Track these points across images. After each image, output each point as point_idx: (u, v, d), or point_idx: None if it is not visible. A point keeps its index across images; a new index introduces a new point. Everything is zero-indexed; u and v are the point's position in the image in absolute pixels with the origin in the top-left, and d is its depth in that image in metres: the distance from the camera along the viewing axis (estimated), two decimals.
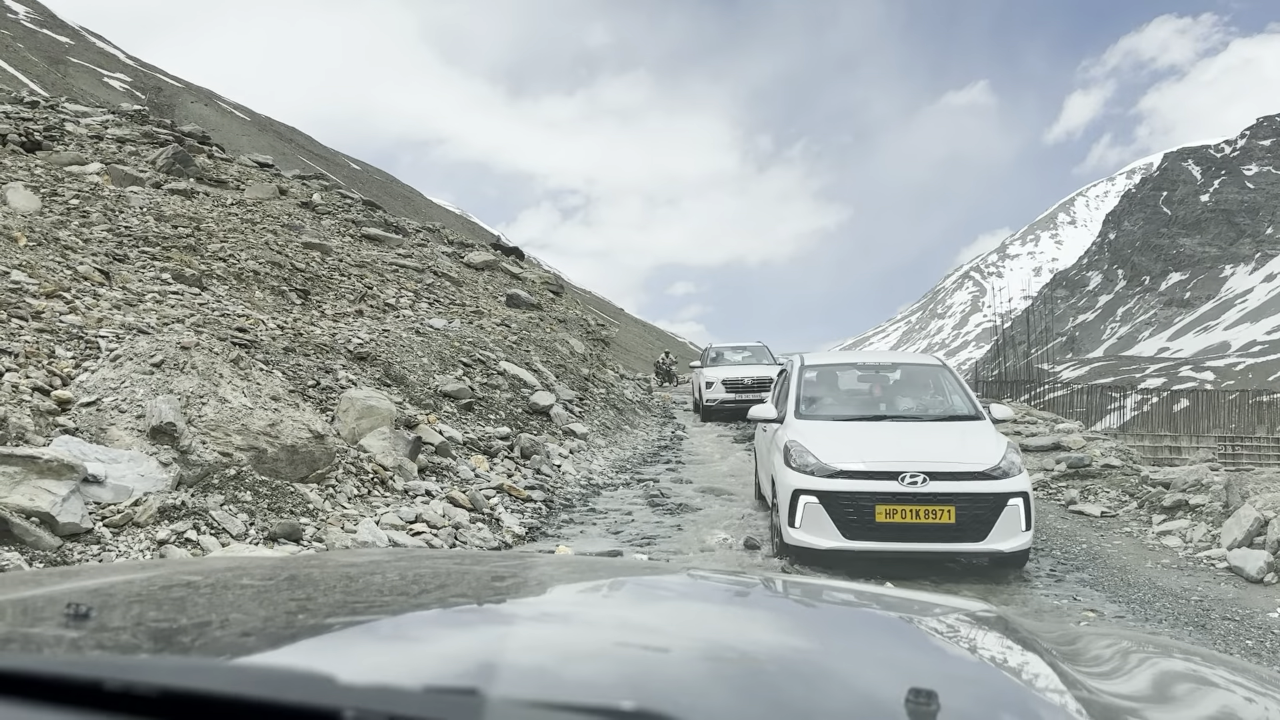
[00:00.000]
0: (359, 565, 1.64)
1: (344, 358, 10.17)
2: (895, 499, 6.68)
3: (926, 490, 6.68)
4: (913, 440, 7.29)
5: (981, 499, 6.71)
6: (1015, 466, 6.99)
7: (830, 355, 9.72)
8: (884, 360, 9.42)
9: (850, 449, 7.04)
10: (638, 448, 15.20)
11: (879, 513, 6.68)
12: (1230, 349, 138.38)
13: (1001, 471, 6.85)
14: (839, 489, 6.80)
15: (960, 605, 1.69)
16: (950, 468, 6.81)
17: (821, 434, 7.37)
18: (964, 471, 6.80)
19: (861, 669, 1.12)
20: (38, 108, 19.59)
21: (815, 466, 6.96)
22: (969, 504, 6.68)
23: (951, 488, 6.71)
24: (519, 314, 18.85)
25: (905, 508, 6.67)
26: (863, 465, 6.86)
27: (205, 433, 6.61)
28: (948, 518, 6.65)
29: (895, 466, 6.78)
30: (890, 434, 7.46)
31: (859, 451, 6.99)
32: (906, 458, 6.86)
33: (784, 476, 7.13)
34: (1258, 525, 7.66)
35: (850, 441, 7.18)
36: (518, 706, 0.76)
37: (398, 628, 1.18)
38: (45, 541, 5.00)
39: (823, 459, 6.97)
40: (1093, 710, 1.02)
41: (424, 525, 7.42)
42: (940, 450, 7.05)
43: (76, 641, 0.97)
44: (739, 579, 1.99)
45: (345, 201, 22.66)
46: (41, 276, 8.50)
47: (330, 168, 64.62)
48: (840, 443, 7.16)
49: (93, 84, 57.59)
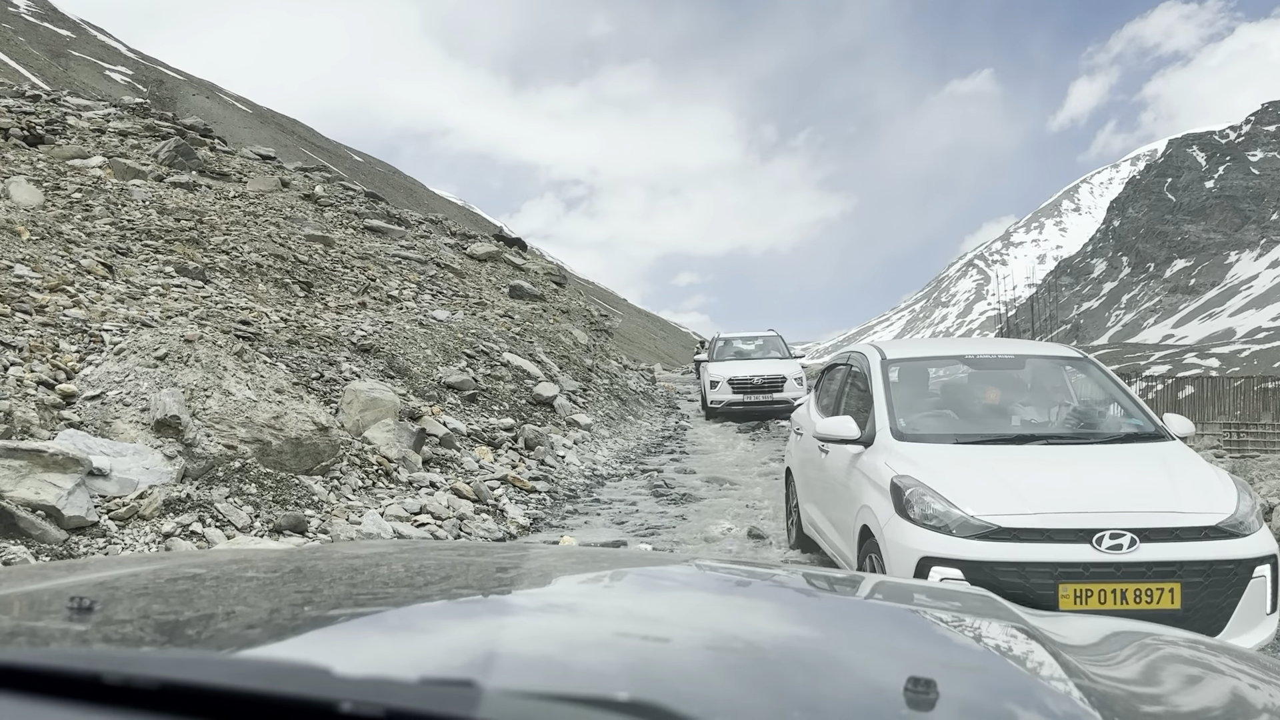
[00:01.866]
0: (364, 557, 1.65)
1: (347, 350, 10.18)
2: (1090, 573, 4.37)
3: (1137, 558, 4.38)
4: (1093, 477, 4.95)
5: (1218, 569, 4.45)
6: (1254, 516, 4.75)
7: (914, 344, 7.30)
8: (1001, 350, 6.57)
9: (1005, 492, 4.68)
10: (641, 438, 15.21)
11: (1064, 596, 4.40)
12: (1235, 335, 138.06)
13: (1241, 525, 4.59)
14: (999, 558, 4.42)
15: (960, 594, 1.69)
16: (1166, 521, 4.52)
17: (949, 466, 4.97)
18: (1188, 527, 4.51)
19: (862, 658, 1.13)
20: (39, 101, 19.58)
21: (955, 521, 4.57)
22: (1200, 578, 4.43)
23: (1172, 553, 4.43)
24: (522, 305, 18.85)
25: (1105, 587, 4.40)
26: (1035, 519, 4.49)
27: (209, 425, 6.63)
28: (1170, 601, 4.39)
29: (1085, 521, 4.47)
30: (1054, 466, 5.08)
31: (1020, 496, 4.64)
32: (1096, 506, 4.57)
33: (897, 533, 4.74)
34: (1262, 511, 7.66)
35: (999, 479, 4.82)
36: (513, 698, 0.77)
37: (402, 619, 1.18)
38: (51, 535, 5.02)
39: (966, 508, 4.58)
40: (1092, 698, 1.03)
41: (429, 517, 7.44)
42: (1139, 494, 4.76)
43: (81, 635, 0.97)
44: (741, 569, 1.99)
45: (348, 193, 22.65)
46: (45, 270, 8.51)
47: (332, 160, 64.60)
48: (985, 481, 4.81)
49: (94, 77, 57.57)
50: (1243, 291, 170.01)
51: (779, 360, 18.68)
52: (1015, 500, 4.62)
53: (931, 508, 4.68)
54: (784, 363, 18.45)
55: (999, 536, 4.48)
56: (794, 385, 17.34)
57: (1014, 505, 4.58)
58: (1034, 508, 4.56)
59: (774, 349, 19.62)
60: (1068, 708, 1.00)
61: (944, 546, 4.55)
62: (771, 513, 8.92)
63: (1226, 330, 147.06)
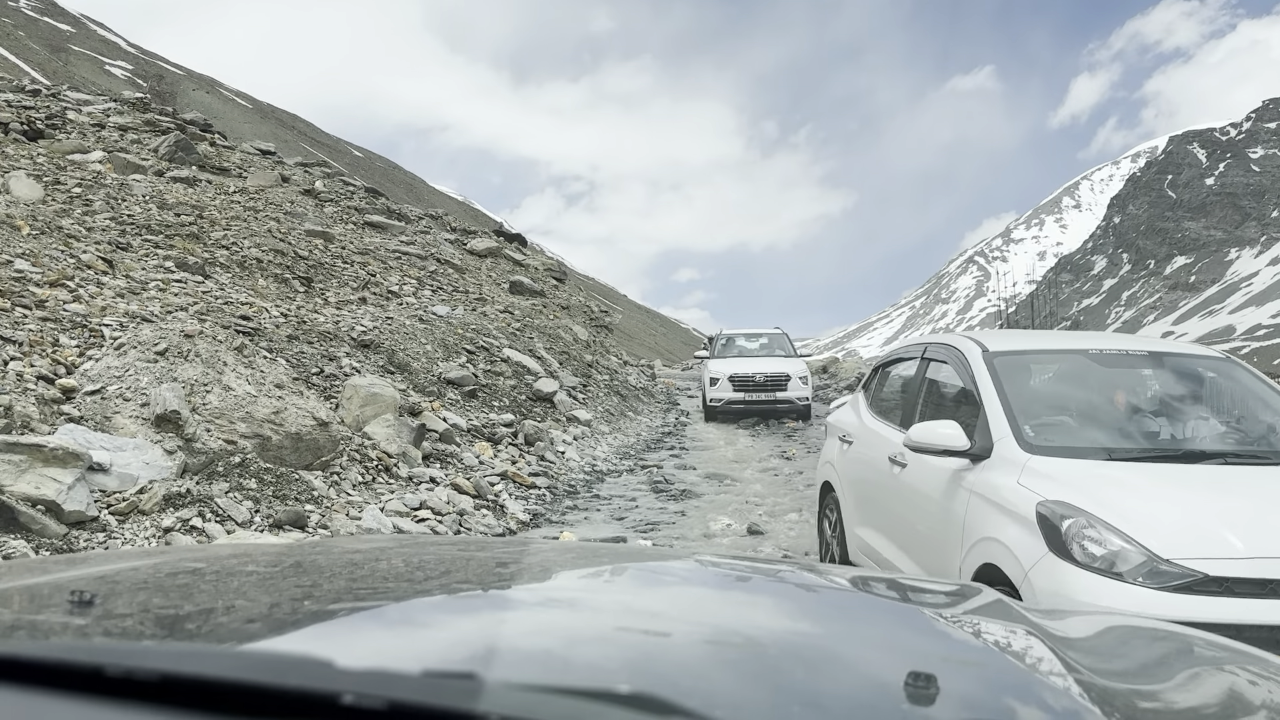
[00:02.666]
0: (364, 552, 1.65)
1: (347, 345, 10.18)
2: None
3: None
4: None
5: None
6: None
7: (1016, 336, 6.00)
8: (1132, 346, 5.11)
9: (1205, 528, 3.53)
10: (641, 434, 15.22)
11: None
12: (1235, 333, 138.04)
13: None
14: (1210, 618, 3.15)
15: (960, 589, 1.70)
16: None
17: (1114, 490, 3.75)
18: None
19: (862, 652, 1.13)
20: (39, 96, 19.56)
21: (1142, 566, 3.40)
22: None
23: None
24: (522, 301, 18.85)
25: None
26: (1254, 566, 3.34)
27: (209, 420, 6.63)
28: None
29: None
30: (1248, 494, 3.87)
31: (1225, 534, 3.47)
32: None
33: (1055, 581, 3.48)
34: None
35: (1189, 509, 3.67)
36: (514, 690, 0.77)
37: (402, 614, 1.18)
38: (51, 529, 5.02)
39: (1155, 548, 3.40)
40: (1092, 693, 1.03)
41: (428, 512, 7.44)
42: None
43: (81, 628, 0.97)
44: (741, 564, 1.99)
45: (348, 189, 22.63)
46: (45, 265, 8.51)
47: (332, 155, 64.54)
48: (1172, 512, 3.65)
49: (94, 72, 57.50)
50: (1243, 288, 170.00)
51: (783, 358, 18.19)
52: (1219, 539, 3.45)
53: (1108, 546, 3.47)
54: (788, 361, 17.93)
55: (1205, 588, 3.33)
56: (798, 384, 17.04)
57: (1219, 546, 3.42)
58: (1248, 550, 3.39)
59: (779, 347, 19.07)
60: (1067, 703, 1.01)
61: (1127, 600, 3.33)
62: (770, 509, 8.92)
63: (1226, 327, 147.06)
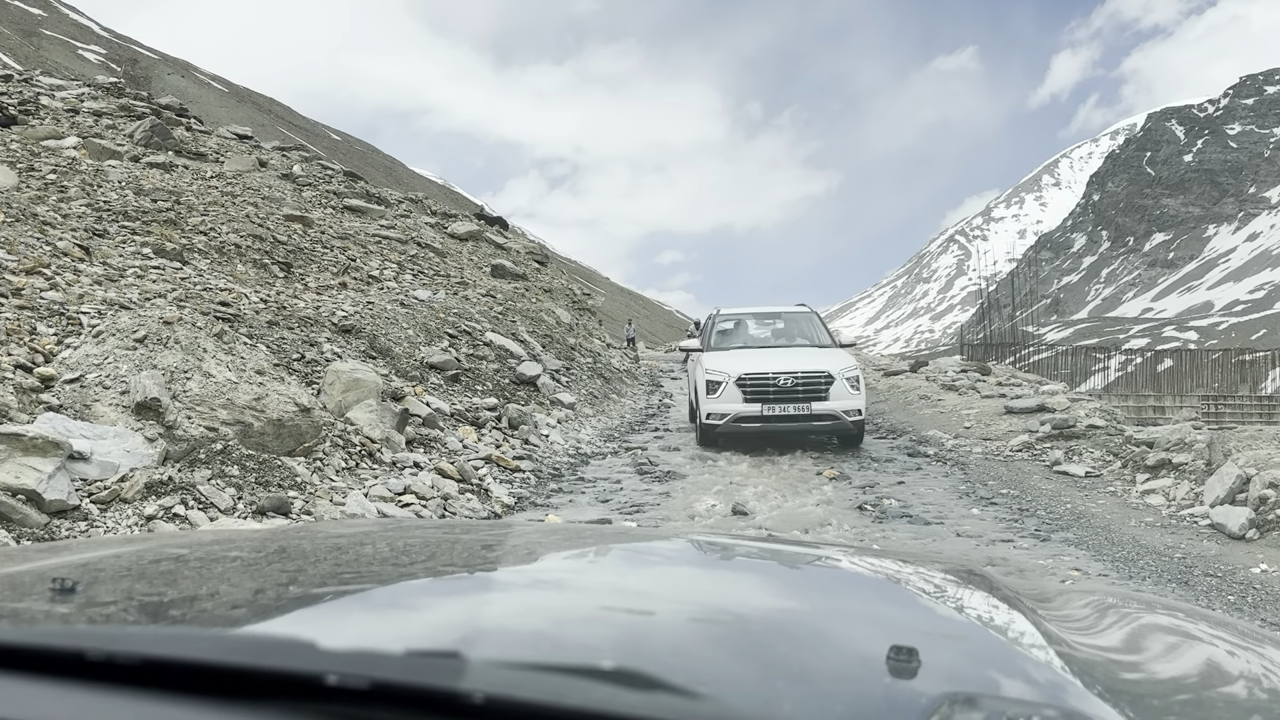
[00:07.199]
0: (348, 536, 1.64)
1: (328, 330, 10.13)
2: None
3: None
4: None
5: None
6: None
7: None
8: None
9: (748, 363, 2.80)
10: (625, 416, 15.22)
11: None
12: (1213, 309, 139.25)
13: None
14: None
15: (944, 563, 1.71)
16: None
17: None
18: None
19: (846, 628, 1.13)
20: (11, 81, 19.28)
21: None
22: None
23: None
24: (504, 284, 18.78)
25: None
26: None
27: (190, 408, 6.59)
28: None
29: None
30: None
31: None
32: None
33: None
34: (1240, 483, 7.74)
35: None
36: (498, 668, 0.77)
37: (387, 597, 1.18)
38: (32, 519, 4.99)
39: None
40: (1073, 665, 1.04)
41: (413, 497, 7.43)
42: None
43: (63, 615, 0.97)
44: (726, 543, 2.00)
45: (326, 173, 22.45)
46: (20, 253, 8.41)
47: (310, 139, 63.99)
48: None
49: (67, 56, 56.74)
50: (1220, 265, 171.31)
51: (817, 350, 11.49)
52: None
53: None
54: (827, 354, 11.29)
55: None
56: (845, 390, 10.52)
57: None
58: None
59: (801, 334, 12.40)
60: (1049, 675, 1.02)
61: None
62: (755, 490, 8.96)
63: (1205, 303, 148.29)
